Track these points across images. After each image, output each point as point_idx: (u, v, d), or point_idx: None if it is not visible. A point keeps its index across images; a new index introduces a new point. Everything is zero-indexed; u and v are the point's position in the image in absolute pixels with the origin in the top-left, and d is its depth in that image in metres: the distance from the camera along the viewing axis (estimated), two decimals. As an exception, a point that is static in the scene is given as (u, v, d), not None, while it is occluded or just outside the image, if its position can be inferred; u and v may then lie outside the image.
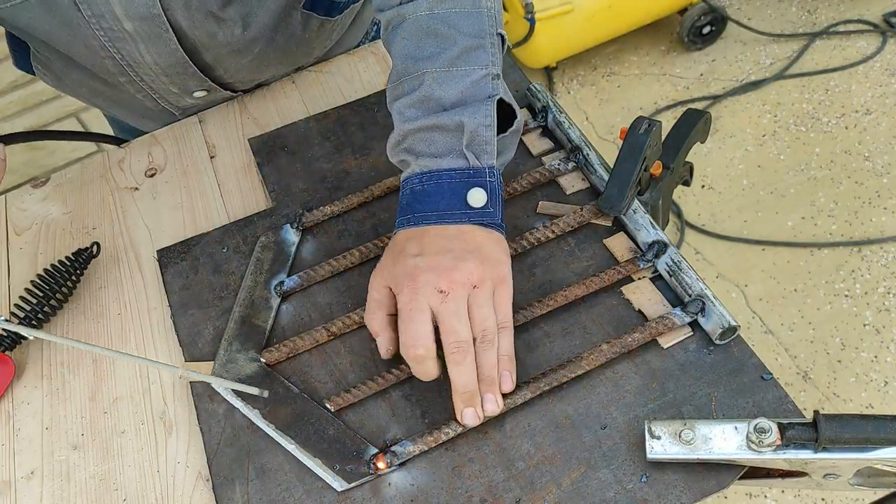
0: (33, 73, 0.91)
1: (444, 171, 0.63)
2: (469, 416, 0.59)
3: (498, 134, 0.65)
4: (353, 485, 0.60)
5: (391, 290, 0.63)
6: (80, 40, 0.76)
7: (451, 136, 0.63)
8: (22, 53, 0.89)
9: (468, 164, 0.63)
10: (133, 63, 0.80)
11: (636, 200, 0.71)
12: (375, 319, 0.64)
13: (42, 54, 0.86)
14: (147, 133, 0.94)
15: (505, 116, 0.67)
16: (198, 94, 0.89)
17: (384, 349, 0.64)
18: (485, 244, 0.62)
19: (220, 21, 0.78)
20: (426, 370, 0.60)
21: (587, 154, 0.75)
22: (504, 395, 0.61)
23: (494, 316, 0.60)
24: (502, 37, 0.67)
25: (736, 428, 0.55)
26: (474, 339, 0.59)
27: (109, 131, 1.12)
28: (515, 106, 0.67)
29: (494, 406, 0.60)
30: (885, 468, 0.54)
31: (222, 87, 0.90)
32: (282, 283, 0.73)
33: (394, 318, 0.63)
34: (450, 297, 0.59)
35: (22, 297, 0.74)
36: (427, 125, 0.63)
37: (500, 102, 0.65)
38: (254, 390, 0.61)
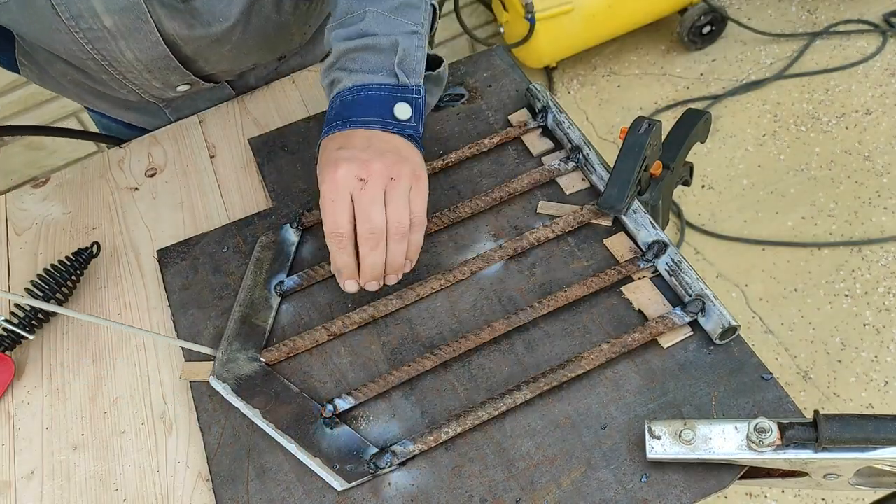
0: (17, 72, 0.91)
1: (374, 85, 0.68)
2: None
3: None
4: (353, 485, 0.60)
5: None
6: (60, 43, 0.76)
7: (384, 56, 0.69)
8: (6, 51, 0.88)
9: (398, 81, 0.68)
10: (114, 62, 0.80)
11: (636, 200, 0.71)
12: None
13: (26, 42, 0.86)
14: (133, 126, 0.93)
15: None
16: (181, 87, 0.89)
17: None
18: (403, 147, 0.68)
19: (193, 10, 0.78)
20: (345, 260, 0.65)
21: (587, 154, 0.75)
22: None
23: (409, 212, 0.65)
24: (434, 7, 0.75)
25: (736, 428, 0.55)
26: (387, 232, 0.64)
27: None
28: (441, 58, 0.76)
29: (395, 280, 0.67)
30: (886, 468, 0.54)
31: (205, 79, 0.89)
32: (282, 282, 0.73)
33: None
34: (368, 185, 0.63)
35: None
36: (362, 45, 0.69)
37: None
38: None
